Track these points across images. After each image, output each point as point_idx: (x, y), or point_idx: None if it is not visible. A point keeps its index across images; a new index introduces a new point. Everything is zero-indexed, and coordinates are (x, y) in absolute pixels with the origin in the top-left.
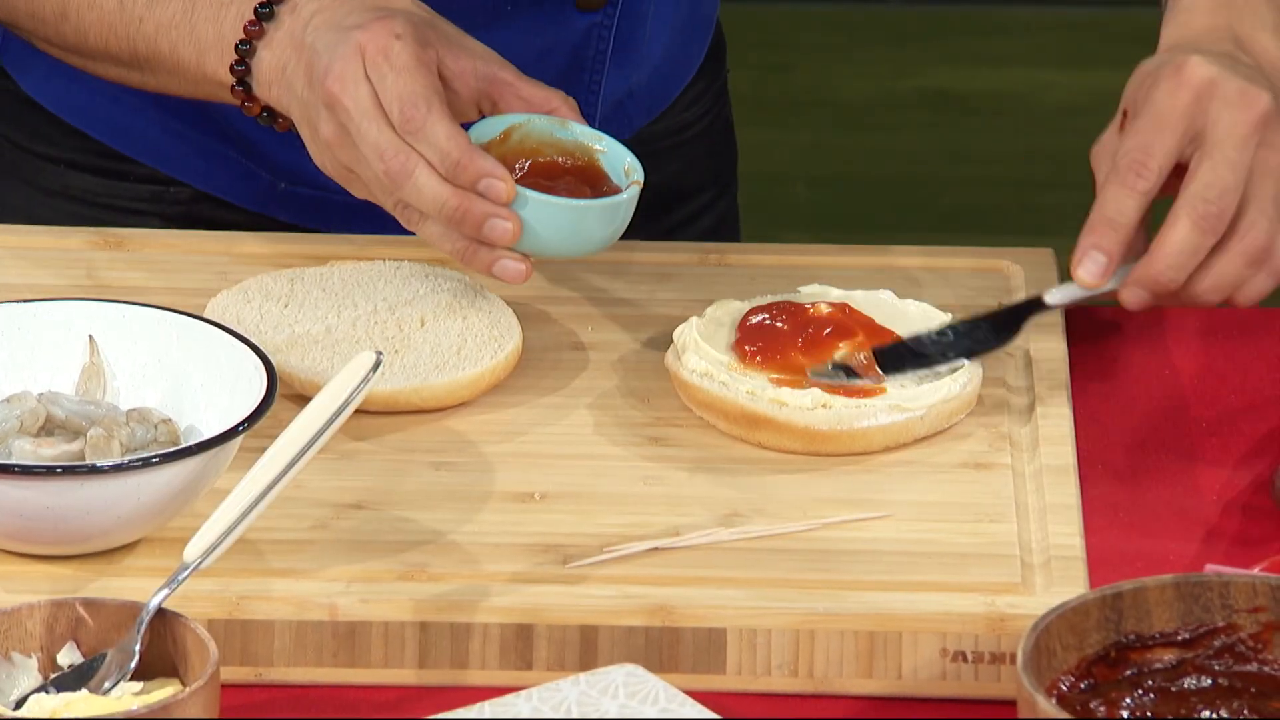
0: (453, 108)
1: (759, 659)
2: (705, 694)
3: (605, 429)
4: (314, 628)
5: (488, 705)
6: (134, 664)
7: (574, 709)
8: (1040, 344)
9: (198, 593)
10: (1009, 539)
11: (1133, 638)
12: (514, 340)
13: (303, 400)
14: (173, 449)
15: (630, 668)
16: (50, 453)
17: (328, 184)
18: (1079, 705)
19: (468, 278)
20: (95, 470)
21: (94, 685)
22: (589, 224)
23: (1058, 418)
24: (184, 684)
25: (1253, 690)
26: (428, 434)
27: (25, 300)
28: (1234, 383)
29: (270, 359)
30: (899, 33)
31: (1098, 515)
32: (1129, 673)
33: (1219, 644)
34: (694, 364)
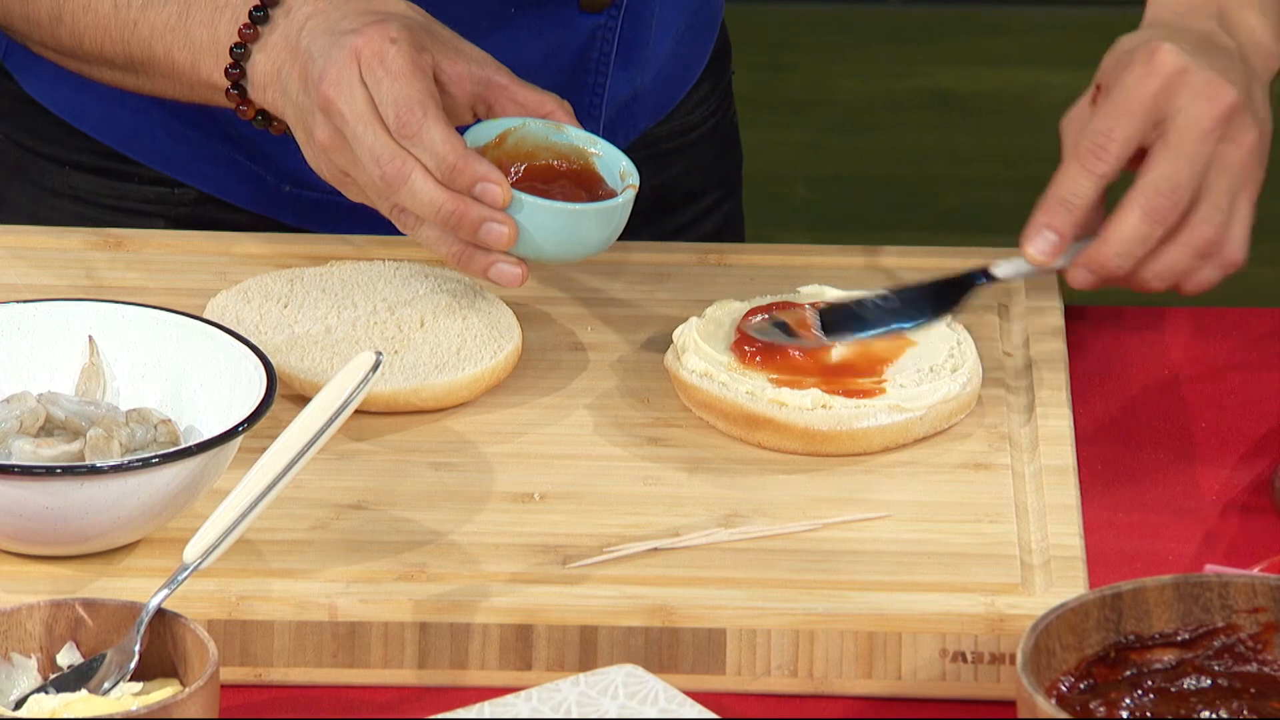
0: (448, 112)
1: (758, 659)
2: (705, 694)
3: (605, 429)
4: (314, 628)
5: (487, 706)
6: (133, 664)
7: (574, 709)
8: (1040, 344)
9: (197, 593)
10: (1009, 539)
11: (1132, 638)
12: (514, 341)
13: (303, 400)
14: (172, 449)
15: (630, 668)
16: (50, 453)
17: (332, 187)
18: (1079, 706)
19: (467, 278)
20: (95, 470)
21: (93, 686)
22: (584, 228)
23: (1057, 418)
24: (183, 684)
25: (1252, 690)
26: (427, 434)
27: (25, 300)
28: (1234, 383)
29: (270, 359)
30: (899, 33)
31: (1097, 515)
32: (1129, 673)
33: (1219, 644)
34: (693, 364)
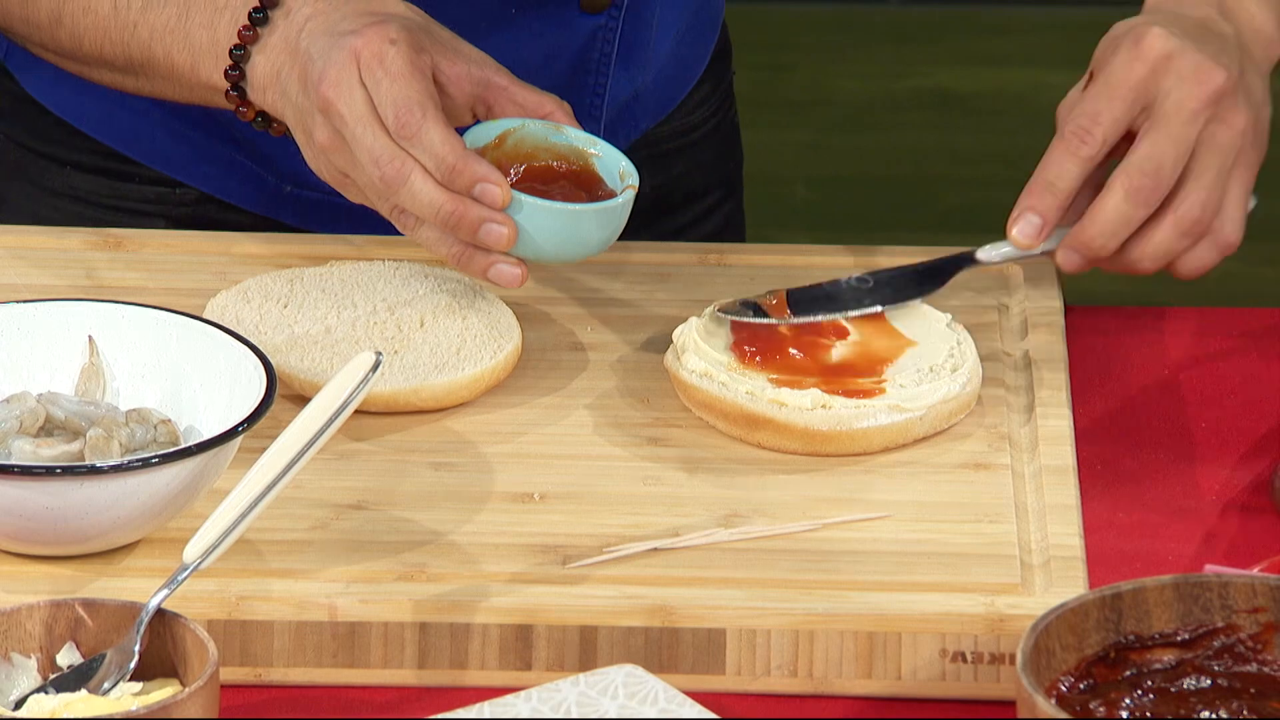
0: (447, 112)
1: (758, 659)
2: (705, 694)
3: (604, 429)
4: (313, 628)
5: (487, 706)
6: (133, 664)
7: (573, 709)
8: (1040, 344)
9: (197, 593)
10: (1008, 539)
11: (1132, 638)
12: (513, 341)
13: (302, 400)
14: (172, 449)
15: (630, 668)
16: (50, 453)
17: (333, 187)
18: (1078, 706)
19: (467, 279)
20: (95, 470)
21: (93, 686)
22: (584, 228)
23: (1057, 418)
24: (183, 684)
25: (1252, 690)
26: (427, 434)
27: (25, 300)
28: (1234, 383)
29: (270, 359)
30: (899, 33)
31: (1097, 515)
32: (1128, 673)
33: (1218, 644)
34: (693, 364)
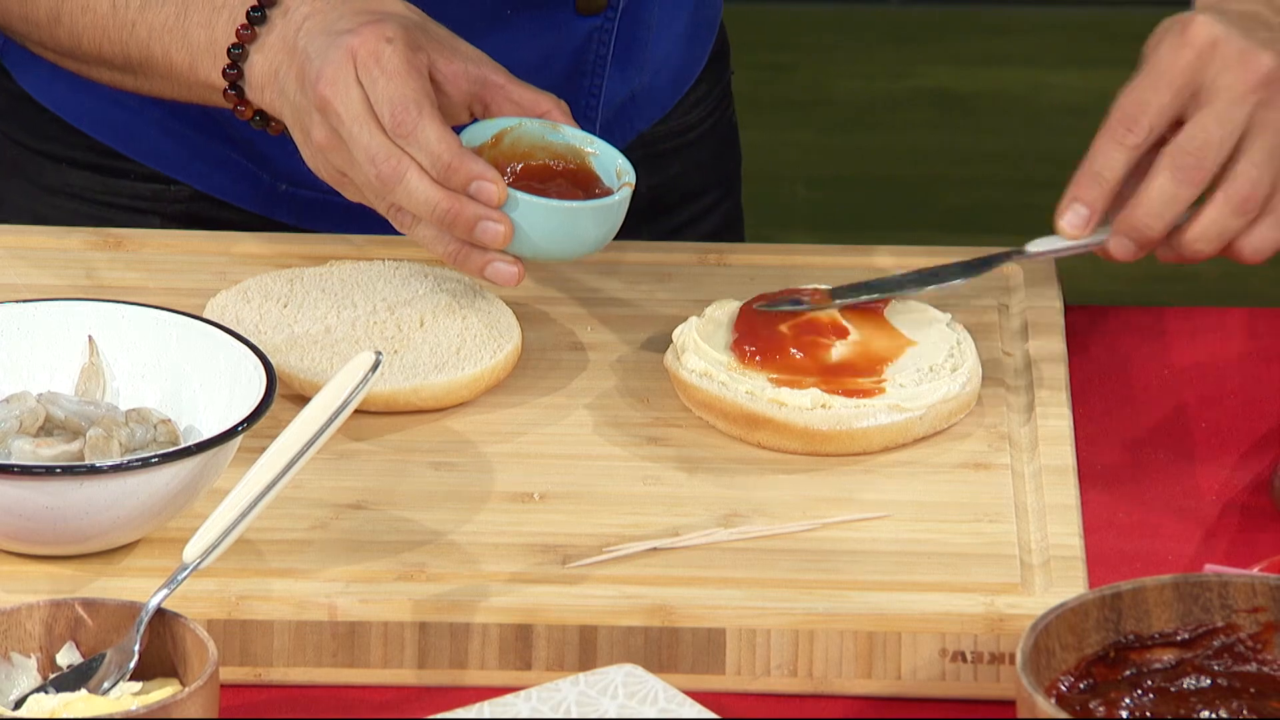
0: (444, 111)
1: (758, 659)
2: (704, 694)
3: (604, 429)
4: (313, 628)
5: (487, 705)
6: (133, 664)
7: (573, 709)
8: (1040, 344)
9: (197, 593)
10: (1008, 539)
11: (1132, 638)
12: (513, 340)
13: (302, 400)
14: (172, 449)
15: (629, 668)
16: (49, 453)
17: (329, 186)
18: (1078, 705)
19: (467, 278)
20: (94, 470)
21: (93, 685)
22: (580, 226)
23: (1057, 418)
24: (183, 684)
25: (1252, 690)
26: (427, 434)
27: (25, 300)
28: (1234, 383)
29: (269, 359)
30: (899, 33)
31: (1097, 515)
32: (1128, 673)
33: (1218, 644)
34: (693, 364)
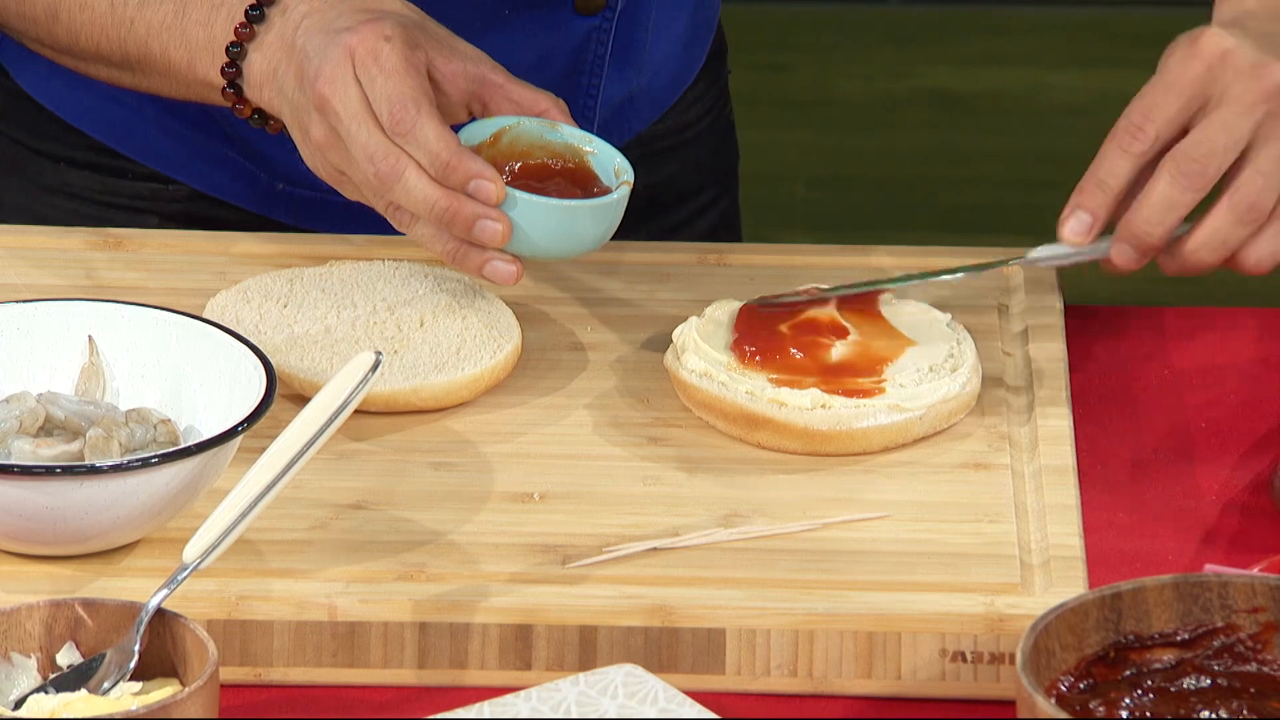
0: (442, 110)
1: (758, 659)
2: (704, 694)
3: (604, 429)
4: (313, 628)
5: (487, 705)
6: (133, 664)
7: (573, 709)
8: (1040, 344)
9: (197, 593)
10: (1008, 539)
11: (1132, 638)
12: (513, 340)
13: (302, 400)
14: (172, 449)
15: (629, 668)
16: (49, 453)
17: (325, 185)
18: (1078, 705)
19: (467, 278)
20: (94, 470)
21: (93, 686)
22: (579, 224)
23: (1057, 418)
24: (183, 684)
25: (1252, 690)
26: (427, 434)
27: (25, 300)
28: (1234, 383)
29: (269, 359)
30: (899, 33)
31: (1097, 515)
32: (1128, 673)
33: (1218, 644)
34: (693, 364)
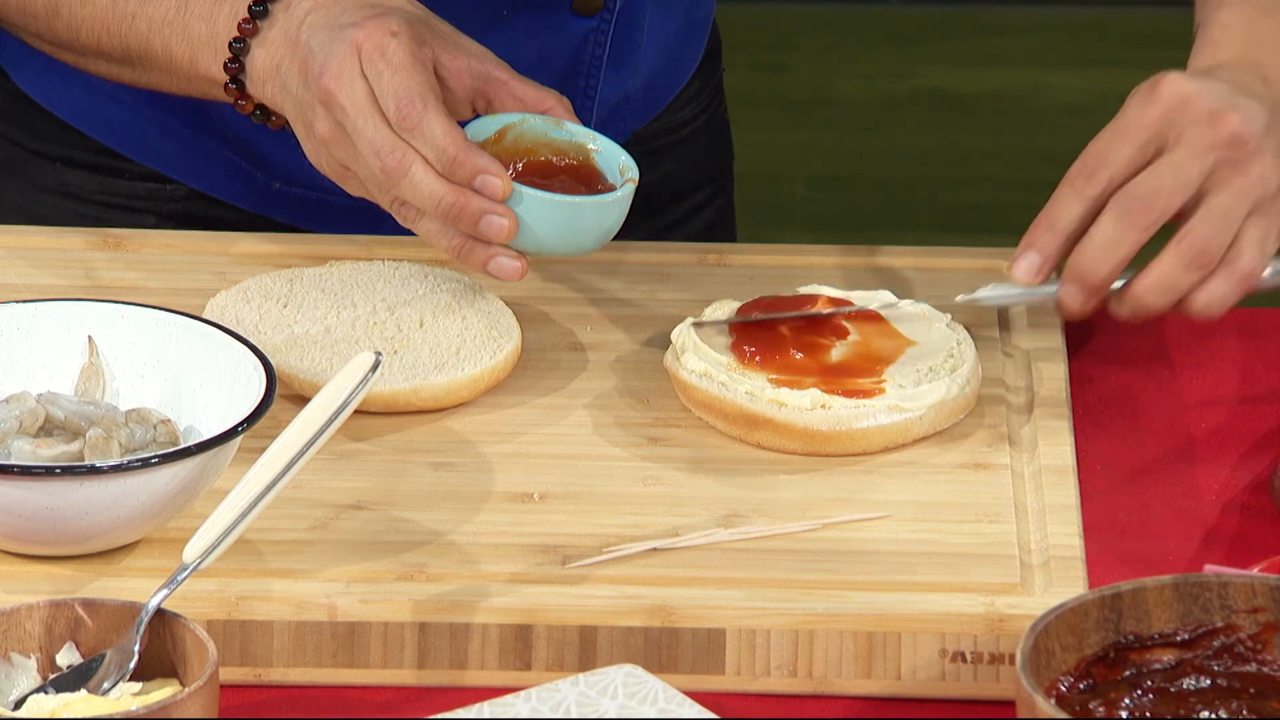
0: (447, 106)
1: (758, 659)
2: (704, 694)
3: (604, 429)
4: (313, 628)
5: (487, 706)
6: (133, 664)
7: (573, 709)
8: (1040, 343)
9: (197, 593)
10: (1008, 539)
11: (1132, 638)
12: (513, 341)
13: (302, 400)
14: (172, 449)
15: (629, 668)
16: (49, 453)
17: (322, 184)
18: (1078, 706)
19: (467, 278)
20: (94, 470)
21: (93, 686)
22: (584, 221)
23: (1057, 418)
24: (183, 684)
25: (1252, 691)
26: (427, 434)
27: (25, 300)
28: (1233, 383)
29: (269, 359)
30: (899, 33)
31: (1097, 515)
32: (1128, 673)
33: (1218, 644)
34: (693, 364)
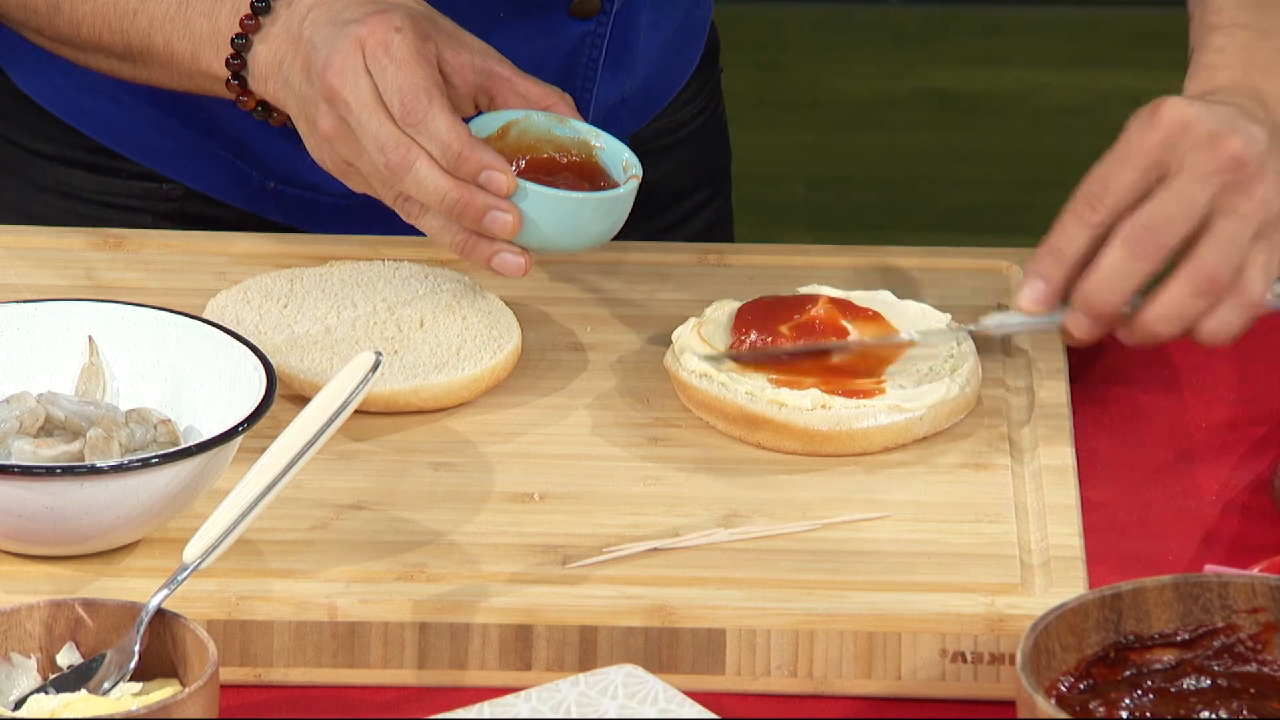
0: (451, 102)
1: (758, 659)
2: (704, 694)
3: (605, 429)
4: (313, 628)
5: (487, 706)
6: (133, 664)
7: (573, 709)
8: (1040, 344)
9: (197, 593)
10: (1008, 539)
11: (1132, 638)
12: (513, 340)
13: (302, 400)
14: (172, 449)
15: (629, 668)
16: (49, 453)
17: (317, 184)
18: (1078, 706)
19: (467, 278)
20: (95, 470)
21: (93, 686)
22: (588, 217)
23: (1057, 418)
24: (183, 684)
25: (1252, 691)
26: (427, 434)
27: (25, 300)
28: (1233, 384)
29: (269, 359)
30: (899, 33)
31: (1097, 515)
32: (1128, 673)
33: (1218, 644)
34: (693, 364)
